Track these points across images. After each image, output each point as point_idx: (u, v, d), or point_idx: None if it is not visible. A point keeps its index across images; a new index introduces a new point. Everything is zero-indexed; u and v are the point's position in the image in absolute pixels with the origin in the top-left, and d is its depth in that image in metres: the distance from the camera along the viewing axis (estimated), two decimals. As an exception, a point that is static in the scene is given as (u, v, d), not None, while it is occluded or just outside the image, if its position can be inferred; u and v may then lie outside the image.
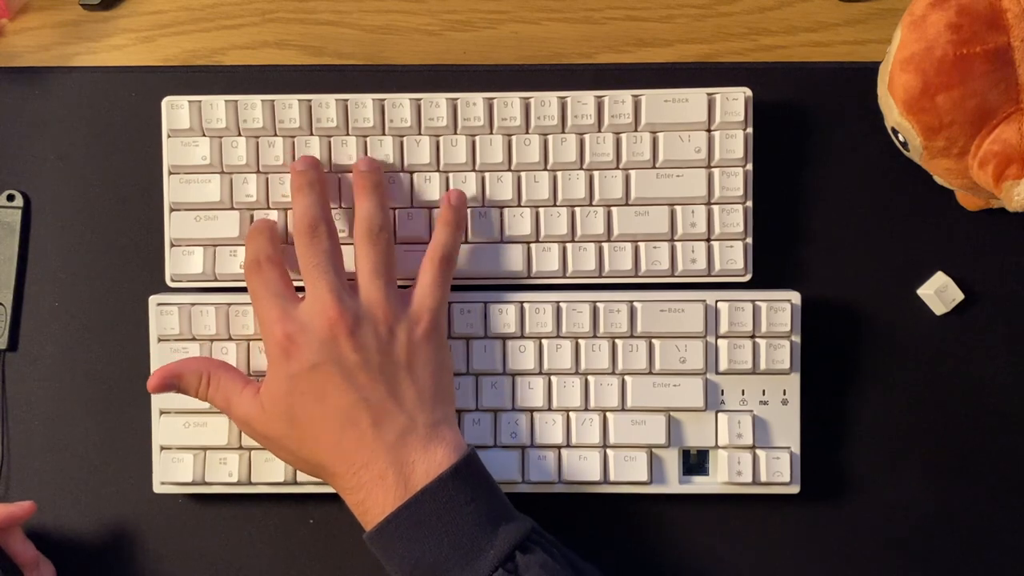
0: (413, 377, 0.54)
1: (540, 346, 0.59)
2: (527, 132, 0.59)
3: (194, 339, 0.59)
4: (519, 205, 0.59)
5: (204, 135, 0.60)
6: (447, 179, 0.59)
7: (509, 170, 0.59)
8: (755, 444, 0.59)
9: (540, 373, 0.59)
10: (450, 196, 0.58)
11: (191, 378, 0.55)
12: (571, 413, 0.59)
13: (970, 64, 0.54)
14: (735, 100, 0.59)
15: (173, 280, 0.60)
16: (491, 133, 0.59)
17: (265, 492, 0.60)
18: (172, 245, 0.60)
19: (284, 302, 0.54)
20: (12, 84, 0.63)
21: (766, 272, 0.61)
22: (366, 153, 0.59)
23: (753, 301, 0.59)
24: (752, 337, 0.59)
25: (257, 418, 0.54)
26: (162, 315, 0.59)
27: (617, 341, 0.59)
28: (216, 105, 0.59)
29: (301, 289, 0.55)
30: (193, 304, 0.59)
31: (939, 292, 0.60)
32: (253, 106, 0.59)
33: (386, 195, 0.57)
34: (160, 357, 0.59)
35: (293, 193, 0.56)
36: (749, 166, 0.59)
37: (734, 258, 0.59)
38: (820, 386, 0.61)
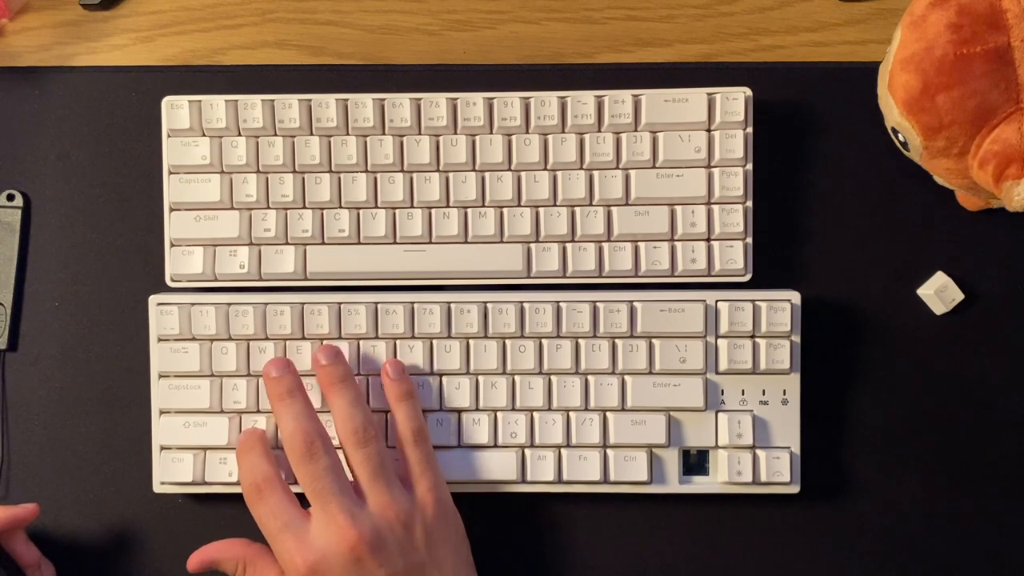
0: (436, 563, 0.54)
1: (540, 346, 0.59)
2: (527, 132, 0.59)
3: (194, 339, 0.59)
4: (519, 205, 0.59)
5: (204, 135, 0.60)
6: (447, 179, 0.59)
7: (509, 170, 0.59)
8: (755, 444, 0.59)
9: (540, 373, 0.59)
10: (387, 371, 0.58)
11: (228, 564, 0.57)
12: (571, 413, 0.59)
13: (970, 64, 0.54)
14: (735, 100, 0.59)
15: (173, 280, 0.60)
16: (491, 133, 0.59)
17: (265, 492, 0.60)
18: (172, 245, 0.60)
19: (297, 528, 0.53)
20: (12, 84, 0.63)
21: (766, 272, 0.61)
22: (366, 153, 0.59)
23: (753, 301, 0.59)
24: (752, 337, 0.59)
25: None
26: (162, 315, 0.59)
27: (617, 341, 0.59)
28: (216, 105, 0.59)
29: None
30: (193, 304, 0.59)
31: (939, 292, 0.60)
32: (253, 106, 0.59)
33: (357, 387, 0.57)
34: (160, 357, 0.59)
35: (273, 403, 0.56)
36: (749, 166, 0.59)
37: (734, 258, 0.59)
38: (820, 386, 0.61)
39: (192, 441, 0.59)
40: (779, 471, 0.58)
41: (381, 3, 0.63)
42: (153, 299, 0.60)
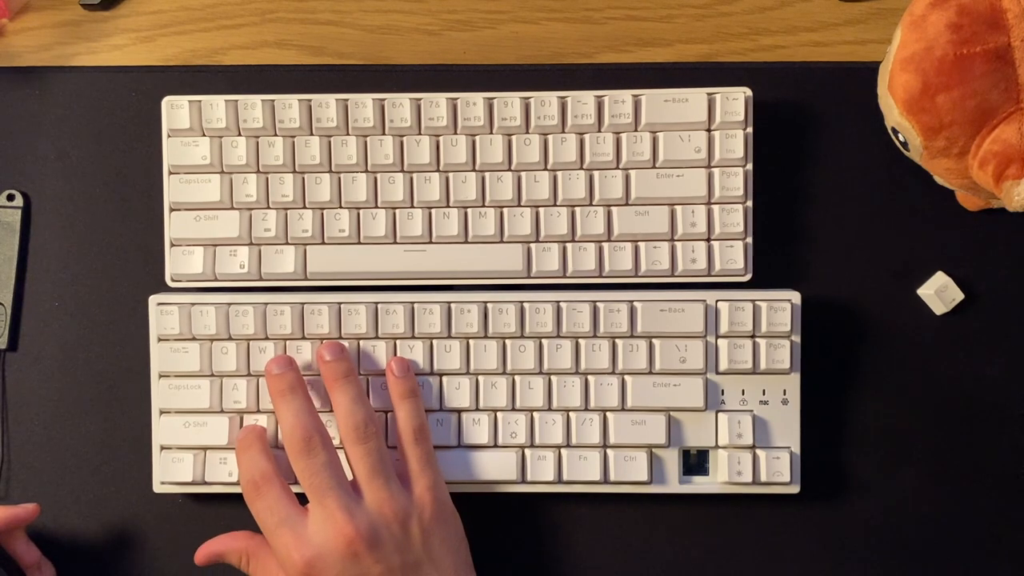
0: (434, 562, 0.54)
1: (540, 346, 0.59)
2: (527, 132, 0.59)
3: (194, 339, 0.59)
4: (519, 205, 0.59)
5: (204, 135, 0.60)
6: (447, 179, 0.59)
7: (509, 170, 0.59)
8: (755, 444, 0.59)
9: (540, 373, 0.59)
10: (392, 368, 0.58)
11: (232, 556, 0.57)
12: (571, 413, 0.59)
13: (970, 64, 0.54)
14: (735, 100, 0.59)
15: (173, 280, 0.60)
16: (491, 133, 0.59)
17: (265, 492, 0.60)
18: (172, 245, 0.60)
19: (294, 524, 0.54)
20: (12, 84, 0.63)
21: (766, 272, 0.61)
22: (366, 153, 0.59)
23: (753, 301, 0.59)
24: (752, 337, 0.59)
25: None
26: (162, 315, 0.59)
27: (617, 341, 0.59)
28: (216, 105, 0.59)
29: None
30: (193, 304, 0.59)
31: (939, 292, 0.60)
32: (253, 106, 0.59)
33: (359, 384, 0.57)
34: (160, 357, 0.59)
35: (274, 399, 0.56)
36: (749, 166, 0.59)
37: (734, 258, 0.59)
38: (820, 386, 0.61)
39: (192, 441, 0.59)
40: (779, 471, 0.58)
41: (381, 3, 0.63)
42: (153, 299, 0.60)
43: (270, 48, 0.63)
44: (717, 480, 0.59)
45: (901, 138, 0.58)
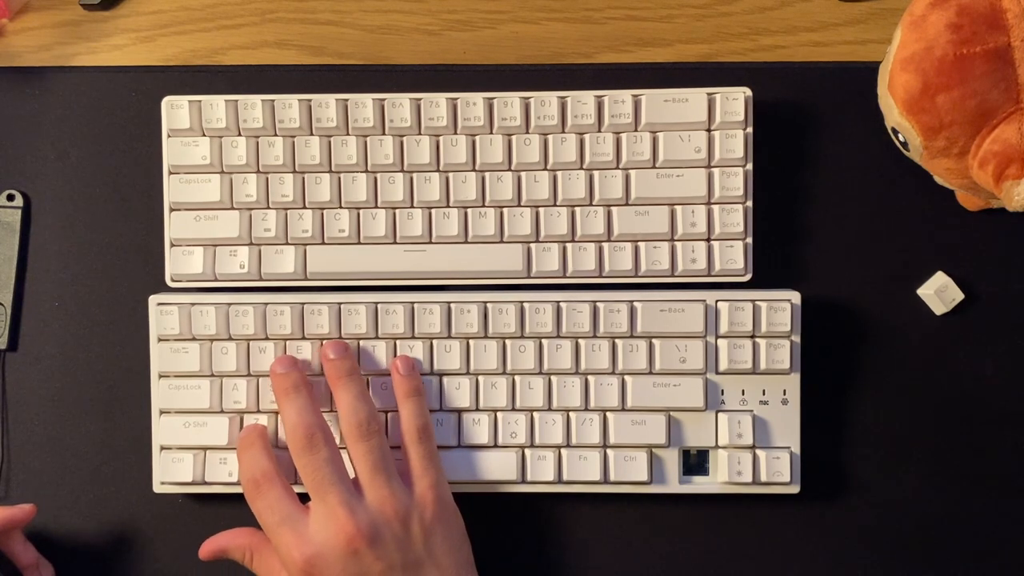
0: (435, 561, 0.54)
1: (540, 346, 0.59)
2: (527, 132, 0.59)
3: (194, 339, 0.59)
4: (519, 205, 0.59)
5: (204, 135, 0.60)
6: (447, 179, 0.59)
7: (509, 170, 0.59)
8: (755, 444, 0.59)
9: (540, 373, 0.59)
10: (397, 366, 0.58)
11: (236, 552, 0.57)
12: (571, 413, 0.59)
13: (970, 64, 0.54)
14: (735, 100, 0.59)
15: (173, 280, 0.60)
16: (491, 133, 0.59)
17: (265, 492, 0.60)
18: (172, 245, 0.60)
19: (294, 523, 0.54)
20: (12, 84, 0.63)
21: (766, 272, 0.61)
22: (366, 153, 0.59)
23: (753, 301, 0.59)
24: (752, 337, 0.59)
25: None
26: (162, 315, 0.59)
27: (617, 341, 0.59)
28: (216, 105, 0.59)
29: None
30: (193, 304, 0.59)
31: (939, 292, 0.60)
32: (253, 106, 0.59)
33: (362, 382, 0.57)
34: (160, 357, 0.59)
35: (278, 398, 0.56)
36: (749, 166, 0.59)
37: (734, 258, 0.59)
38: (820, 386, 0.61)
39: (192, 441, 0.59)
40: (779, 471, 0.58)
41: (381, 3, 0.63)
42: (153, 299, 0.60)
43: (270, 48, 0.63)
44: (717, 480, 0.59)
45: (901, 138, 0.58)
